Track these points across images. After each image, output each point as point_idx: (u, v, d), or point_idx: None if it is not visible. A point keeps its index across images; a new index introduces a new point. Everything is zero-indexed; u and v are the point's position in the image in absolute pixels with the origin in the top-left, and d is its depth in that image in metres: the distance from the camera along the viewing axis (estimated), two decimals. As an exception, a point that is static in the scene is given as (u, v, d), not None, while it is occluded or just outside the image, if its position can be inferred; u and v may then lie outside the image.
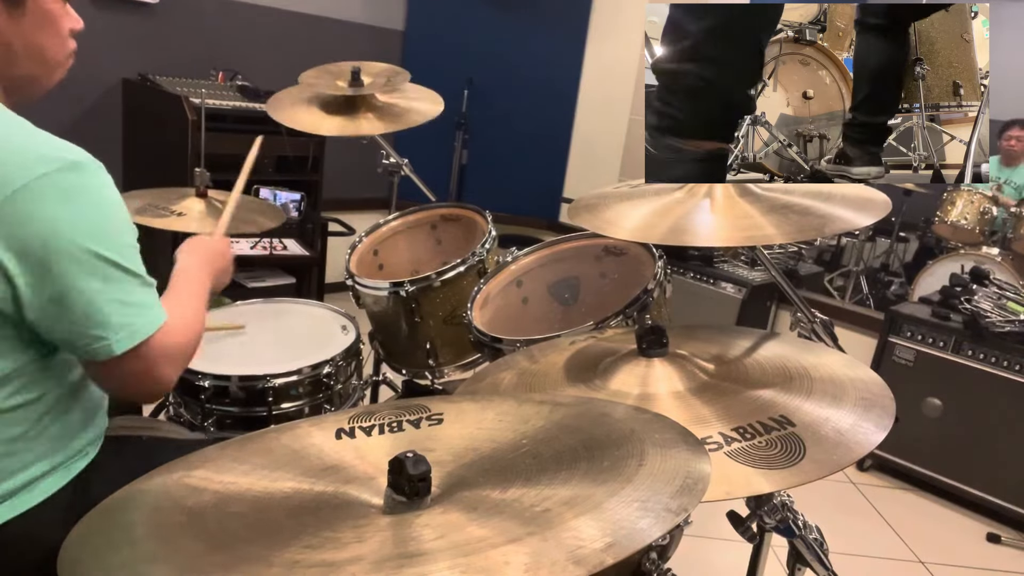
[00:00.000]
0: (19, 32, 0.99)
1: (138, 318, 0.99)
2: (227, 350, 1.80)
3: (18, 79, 1.02)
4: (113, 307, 0.97)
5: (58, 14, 1.03)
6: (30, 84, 1.04)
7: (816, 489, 1.16)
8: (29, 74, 1.03)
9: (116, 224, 0.99)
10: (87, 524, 0.74)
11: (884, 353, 3.00)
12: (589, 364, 1.21)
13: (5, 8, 0.97)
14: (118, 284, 0.97)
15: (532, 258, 1.87)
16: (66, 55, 1.07)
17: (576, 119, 4.63)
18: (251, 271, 3.53)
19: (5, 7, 0.97)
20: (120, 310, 0.97)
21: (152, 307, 1.02)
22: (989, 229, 3.79)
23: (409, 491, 0.70)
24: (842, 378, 1.08)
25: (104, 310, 0.96)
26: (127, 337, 0.98)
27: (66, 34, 1.06)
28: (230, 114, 3.16)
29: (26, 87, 1.04)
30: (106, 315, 0.96)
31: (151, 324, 1.01)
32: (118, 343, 0.97)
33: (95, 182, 0.97)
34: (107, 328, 0.96)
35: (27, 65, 1.02)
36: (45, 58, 1.03)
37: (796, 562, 1.21)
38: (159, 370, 1.03)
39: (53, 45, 1.04)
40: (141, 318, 1.00)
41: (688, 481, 0.70)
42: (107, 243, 0.96)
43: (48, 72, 1.05)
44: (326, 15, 4.01)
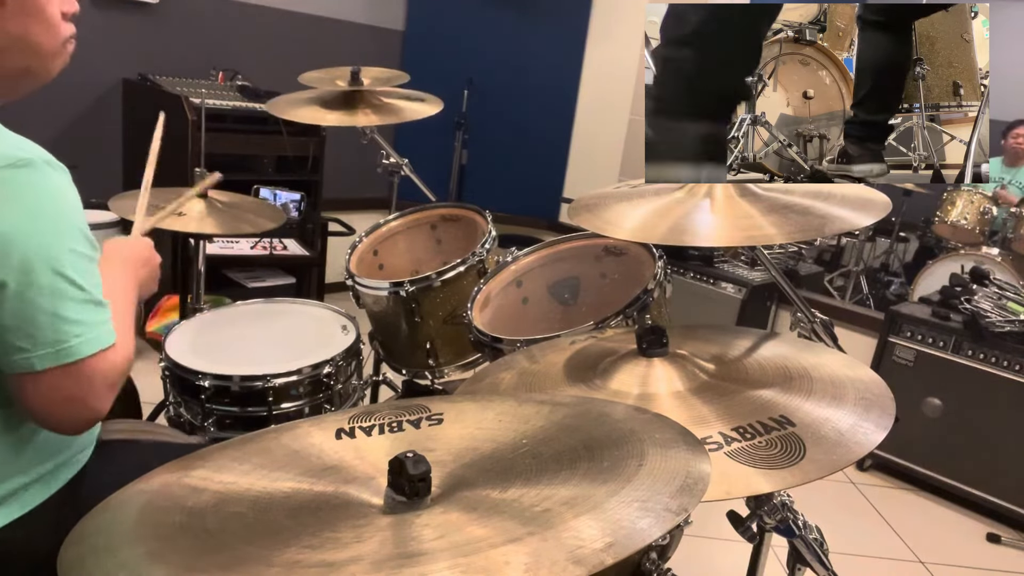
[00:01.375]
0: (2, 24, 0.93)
1: (74, 337, 0.90)
2: (227, 350, 1.80)
3: (11, 73, 0.97)
4: (43, 319, 0.88)
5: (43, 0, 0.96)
6: (25, 77, 0.98)
7: (816, 489, 1.16)
8: (22, 66, 0.97)
9: (63, 229, 0.91)
10: (87, 524, 0.74)
11: (884, 353, 3.00)
12: (589, 364, 1.21)
13: None
14: (55, 295, 0.89)
15: (532, 258, 1.87)
16: (61, 41, 1.00)
17: (576, 119, 4.63)
18: (251, 271, 3.53)
19: None
20: (50, 323, 0.89)
21: (93, 326, 0.93)
22: (989, 229, 3.79)
23: (409, 491, 0.70)
24: (842, 378, 1.08)
25: (31, 320, 0.87)
26: (53, 355, 0.89)
27: (57, 19, 0.98)
28: (230, 114, 3.16)
29: (22, 80, 0.98)
30: (35, 327, 0.88)
31: (88, 345, 0.91)
32: (40, 359, 0.88)
33: (44, 183, 0.90)
34: (31, 340, 0.88)
35: (17, 57, 0.96)
36: (35, 48, 0.96)
37: (796, 562, 1.21)
38: (93, 398, 0.93)
39: (42, 32, 0.96)
40: (77, 338, 0.90)
41: (688, 481, 0.69)
42: (47, 249, 0.88)
43: (42, 62, 0.98)
44: (326, 15, 4.01)
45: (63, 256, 0.90)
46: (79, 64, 1.08)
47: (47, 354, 0.89)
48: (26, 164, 0.88)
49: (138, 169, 2.99)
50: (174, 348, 1.76)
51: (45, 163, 0.91)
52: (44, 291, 0.88)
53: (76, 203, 0.94)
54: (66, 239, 0.91)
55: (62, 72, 1.04)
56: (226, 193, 2.12)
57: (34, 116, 0.86)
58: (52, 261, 0.89)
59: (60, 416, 0.94)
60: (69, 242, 0.91)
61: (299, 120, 2.21)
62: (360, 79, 2.24)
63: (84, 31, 1.07)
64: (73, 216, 0.93)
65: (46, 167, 0.91)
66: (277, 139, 3.26)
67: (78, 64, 1.08)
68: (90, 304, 0.93)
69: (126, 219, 1.92)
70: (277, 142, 3.28)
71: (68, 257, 0.91)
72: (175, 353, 1.73)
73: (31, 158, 0.89)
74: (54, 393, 0.91)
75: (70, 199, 0.93)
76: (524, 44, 4.47)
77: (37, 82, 1.00)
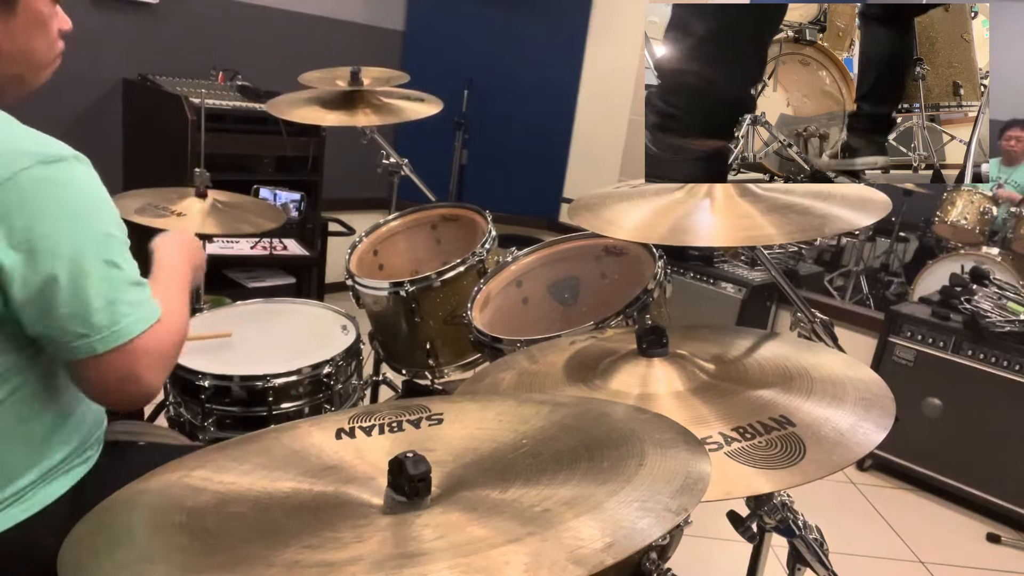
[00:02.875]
0: (9, 34, 0.98)
1: (124, 317, 0.96)
2: (227, 350, 1.79)
3: (4, 79, 1.01)
4: (97, 304, 0.93)
5: (48, 15, 1.02)
6: (15, 84, 1.03)
7: (816, 489, 1.16)
8: (16, 74, 1.02)
9: (100, 218, 0.97)
10: (87, 525, 0.74)
11: (884, 353, 3.00)
12: (589, 364, 1.21)
13: None
14: (103, 280, 0.94)
15: (532, 258, 1.87)
16: (54, 56, 1.05)
17: (576, 119, 4.63)
18: (251, 271, 3.53)
19: None
20: (104, 307, 0.94)
21: (141, 305, 0.99)
22: (989, 229, 3.80)
23: (409, 491, 0.70)
24: (842, 378, 1.08)
25: (87, 306, 0.93)
26: (110, 336, 0.94)
27: (55, 36, 1.04)
28: (230, 114, 3.16)
29: (11, 87, 1.02)
30: (89, 312, 0.93)
31: (138, 323, 0.97)
32: (101, 341, 0.94)
33: (78, 175, 0.95)
34: (89, 325, 0.93)
35: (14, 66, 1.00)
36: (33, 59, 1.02)
37: (796, 562, 1.21)
38: (145, 373, 0.99)
39: (42, 46, 1.02)
40: (127, 317, 0.96)
41: (688, 481, 0.70)
42: (90, 237, 0.94)
43: (35, 73, 1.04)
44: (326, 15, 4.01)
45: (104, 242, 0.96)
46: (79, 64, 1.09)
47: (106, 336, 0.94)
48: (58, 159, 0.93)
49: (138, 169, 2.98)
50: (174, 348, 1.75)
51: (74, 157, 0.95)
52: (95, 278, 0.94)
53: (104, 191, 0.99)
54: (105, 226, 0.97)
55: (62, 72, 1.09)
56: (226, 193, 2.12)
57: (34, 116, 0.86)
58: (98, 249, 0.95)
59: (120, 393, 1.00)
60: (107, 228, 0.97)
61: (299, 120, 2.21)
62: (360, 79, 2.24)
63: (84, 31, 1.08)
64: (105, 203, 0.99)
65: (75, 161, 0.95)
66: (277, 139, 3.26)
67: (78, 64, 1.09)
68: (134, 284, 0.99)
69: (126, 219, 1.91)
70: (277, 142, 3.28)
71: (108, 242, 0.97)
72: (175, 353, 1.73)
73: (61, 153, 0.93)
74: (114, 373, 0.97)
75: (101, 188, 0.99)
76: (524, 44, 4.47)
77: (24, 90, 1.05)
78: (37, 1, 1.00)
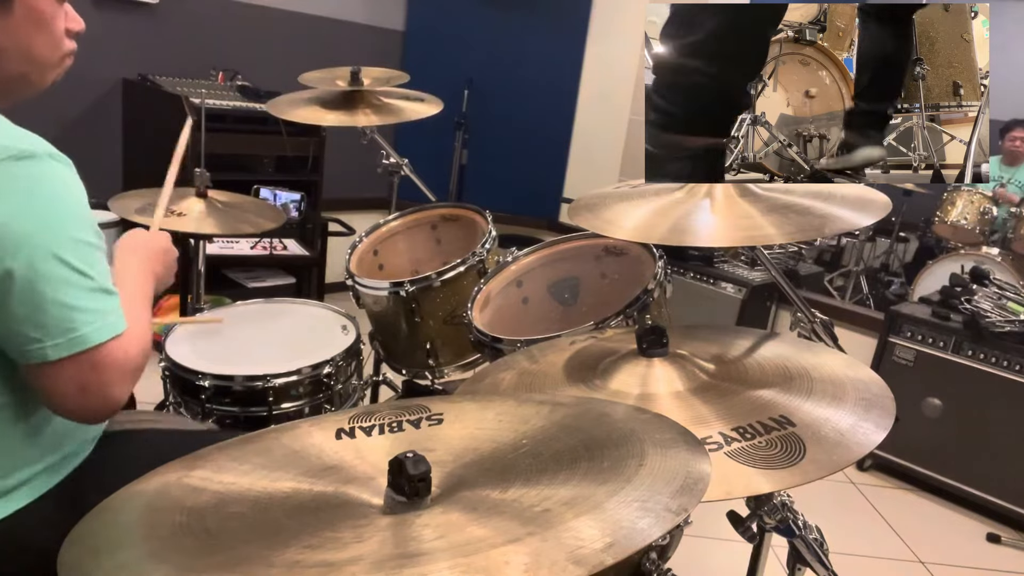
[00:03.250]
0: (8, 32, 0.96)
1: (84, 325, 0.91)
2: (228, 350, 1.80)
3: (8, 78, 1.00)
4: (52, 308, 0.89)
5: (51, 14, 1.00)
6: (20, 83, 1.01)
7: (816, 489, 1.16)
8: (19, 73, 1.00)
9: (68, 220, 0.92)
10: (87, 524, 0.74)
11: (884, 353, 3.00)
12: (589, 364, 1.21)
13: None
14: (62, 284, 0.90)
15: (532, 258, 1.87)
16: (60, 56, 1.04)
17: (576, 119, 4.63)
18: (251, 271, 3.53)
19: None
20: (60, 313, 0.90)
21: (105, 314, 0.94)
22: (989, 229, 3.80)
23: (409, 491, 0.70)
24: (842, 378, 1.08)
25: (41, 310, 0.88)
26: (66, 344, 0.90)
27: (60, 34, 1.02)
28: (230, 114, 3.16)
29: (17, 86, 1.01)
30: (43, 315, 0.89)
31: (99, 332, 0.92)
32: (54, 348, 0.90)
33: (50, 174, 0.91)
34: (42, 330, 0.89)
35: (16, 65, 0.99)
36: (36, 59, 1.00)
37: (796, 562, 1.21)
38: (109, 386, 0.94)
39: (44, 45, 1.00)
40: (88, 325, 0.91)
41: (688, 481, 0.69)
42: (53, 238, 0.90)
43: (39, 72, 1.02)
44: (326, 15, 4.01)
45: (68, 245, 0.91)
46: (79, 64, 1.09)
47: (60, 343, 0.90)
48: (29, 156, 0.90)
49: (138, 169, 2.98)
50: (174, 348, 1.76)
51: (48, 156, 0.92)
52: (51, 280, 0.89)
53: (80, 194, 0.96)
54: (70, 228, 0.92)
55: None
56: (226, 193, 2.12)
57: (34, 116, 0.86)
58: (57, 250, 0.90)
59: (78, 405, 0.95)
60: (73, 231, 0.92)
61: (299, 120, 2.21)
62: (360, 79, 2.24)
63: (84, 31, 1.08)
64: (77, 206, 0.94)
65: (49, 159, 0.92)
66: (277, 139, 3.26)
67: (78, 64, 1.09)
68: (99, 292, 0.94)
69: (126, 219, 1.92)
70: (277, 142, 3.28)
71: (73, 246, 0.92)
72: (175, 353, 1.73)
73: (34, 150, 0.91)
74: (70, 382, 0.92)
75: (74, 190, 0.95)
76: (524, 44, 4.47)
77: (31, 90, 1.03)
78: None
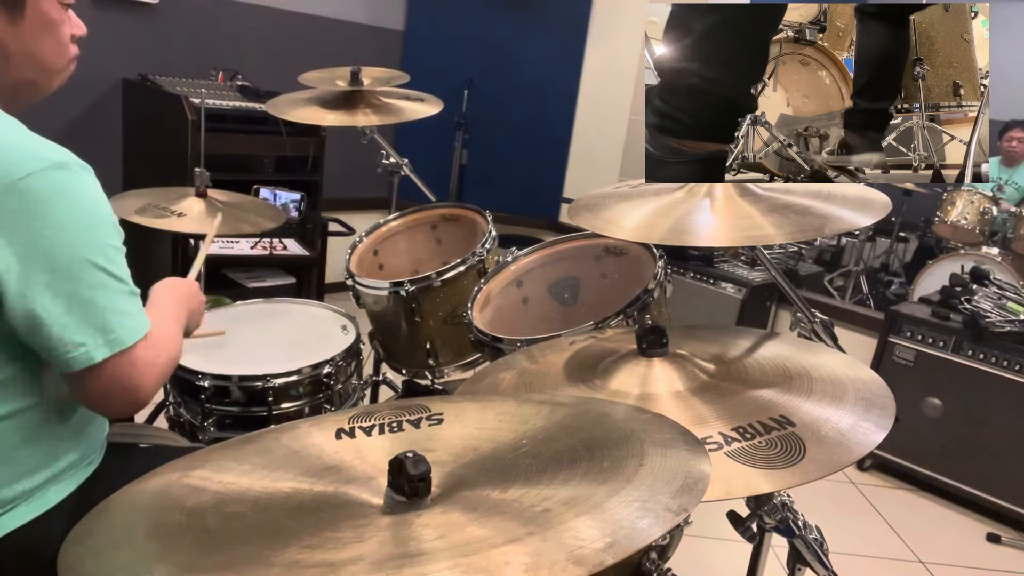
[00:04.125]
0: (18, 38, 0.98)
1: (120, 326, 0.95)
2: (227, 350, 1.79)
3: (16, 84, 1.01)
4: (94, 313, 0.93)
5: (59, 20, 1.02)
6: (28, 89, 1.03)
7: (816, 489, 1.16)
8: (27, 79, 1.01)
9: (101, 226, 0.96)
10: (87, 524, 0.74)
11: (884, 353, 3.00)
12: (589, 364, 1.21)
13: (4, 13, 0.96)
14: (101, 289, 0.94)
15: (532, 258, 1.87)
16: (66, 61, 1.05)
17: (576, 119, 4.63)
18: (251, 271, 3.53)
19: (4, 12, 0.96)
20: (102, 316, 0.93)
21: (135, 315, 0.98)
22: (989, 229, 3.79)
23: (409, 491, 0.70)
24: (842, 378, 1.08)
25: (84, 315, 0.92)
26: (107, 344, 0.94)
27: (67, 40, 1.04)
28: (230, 114, 3.15)
29: (24, 92, 1.02)
30: (87, 320, 0.92)
31: (133, 333, 0.96)
32: (98, 350, 0.93)
33: (81, 184, 0.94)
34: (87, 334, 0.92)
35: (25, 71, 1.00)
36: (43, 64, 1.02)
37: (796, 562, 1.21)
38: (139, 382, 0.98)
39: (52, 51, 1.02)
40: (123, 327, 0.95)
41: (688, 481, 0.70)
42: (91, 245, 0.93)
43: (47, 78, 1.04)
44: (326, 15, 4.01)
45: (108, 253, 0.96)
46: (79, 64, 1.09)
47: (103, 345, 0.94)
48: (63, 167, 0.93)
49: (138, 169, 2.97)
50: (174, 348, 1.75)
51: (78, 165, 0.95)
52: (93, 287, 0.93)
53: (105, 199, 0.99)
54: (104, 235, 0.96)
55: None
56: (226, 193, 2.12)
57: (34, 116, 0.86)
58: (97, 258, 0.94)
59: (118, 401, 0.99)
60: (106, 238, 0.97)
61: (299, 120, 2.21)
62: (360, 79, 2.24)
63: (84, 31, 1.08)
64: (107, 213, 0.98)
65: (79, 169, 0.95)
66: (277, 139, 3.26)
67: (78, 64, 1.09)
68: (129, 294, 0.99)
69: (126, 219, 1.92)
70: (277, 142, 3.27)
71: (108, 252, 0.96)
72: (175, 353, 1.73)
73: (66, 160, 0.93)
74: (113, 381, 0.96)
75: (102, 197, 0.98)
76: (524, 44, 4.47)
77: (36, 95, 1.05)
78: (45, 3, 0.99)
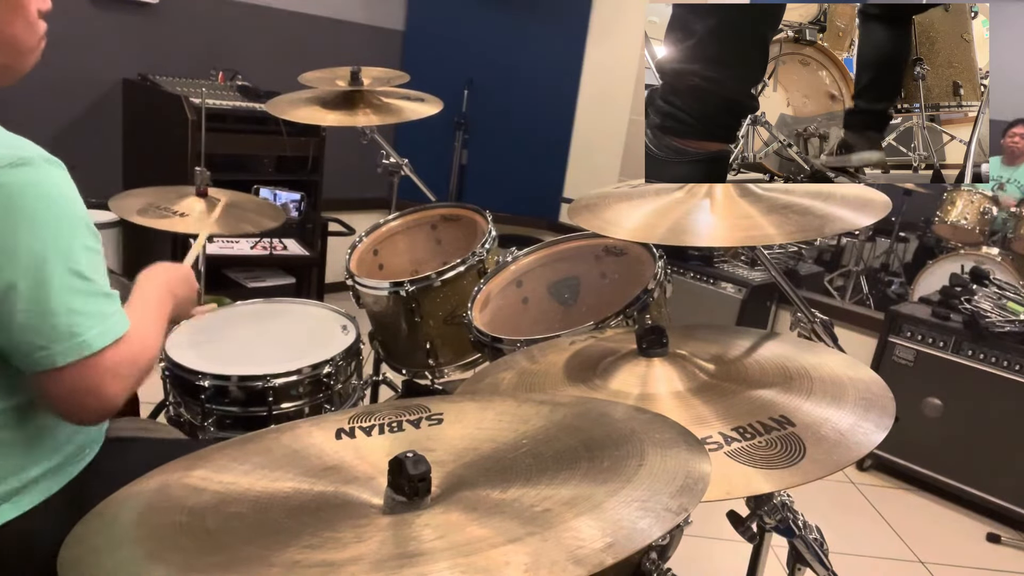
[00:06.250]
0: None
1: (87, 330, 0.91)
2: (227, 350, 1.80)
3: None
4: (57, 315, 0.89)
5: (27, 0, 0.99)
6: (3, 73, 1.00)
7: (816, 489, 1.16)
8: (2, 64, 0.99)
9: (67, 225, 0.92)
10: (87, 524, 0.74)
11: (884, 353, 3.00)
12: (589, 364, 1.21)
13: None
14: (65, 290, 0.90)
15: (532, 258, 1.87)
16: (37, 39, 1.02)
17: (576, 119, 4.63)
18: (251, 271, 3.53)
19: None
20: (66, 319, 0.90)
21: (105, 318, 0.94)
22: (989, 229, 3.79)
23: (409, 491, 0.70)
24: (842, 378, 1.08)
25: (47, 317, 0.89)
26: (71, 349, 0.90)
27: (35, 18, 1.00)
28: (230, 114, 3.16)
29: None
30: (49, 323, 0.89)
31: (101, 336, 0.93)
32: (61, 354, 0.90)
33: (46, 180, 0.90)
34: (48, 337, 0.89)
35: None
36: (16, 46, 0.99)
37: (796, 562, 1.21)
38: (106, 389, 0.94)
39: (23, 30, 0.99)
40: (90, 330, 0.92)
41: (688, 481, 0.69)
42: (53, 244, 0.89)
43: (21, 59, 1.01)
44: (326, 15, 4.01)
45: (71, 252, 0.91)
46: (79, 64, 1.08)
47: (67, 349, 0.90)
48: (25, 163, 0.89)
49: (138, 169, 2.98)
50: (174, 348, 1.76)
51: (44, 161, 0.92)
52: (57, 288, 0.90)
53: (77, 198, 0.95)
54: (71, 235, 0.92)
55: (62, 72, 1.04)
56: (226, 192, 2.12)
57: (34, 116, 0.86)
58: (61, 258, 0.90)
59: (82, 408, 0.96)
60: (74, 236, 0.93)
61: (299, 120, 2.21)
62: (360, 79, 2.24)
63: (84, 31, 1.08)
64: (76, 211, 0.94)
65: (45, 164, 0.91)
66: (277, 139, 3.26)
67: (78, 64, 1.08)
68: (101, 296, 0.95)
69: (126, 219, 1.92)
70: (277, 142, 3.28)
71: (76, 252, 0.92)
72: (175, 353, 1.73)
73: (30, 156, 0.90)
74: (77, 386, 0.93)
75: (71, 194, 0.94)
76: (524, 44, 4.47)
77: (11, 79, 1.02)
78: None
